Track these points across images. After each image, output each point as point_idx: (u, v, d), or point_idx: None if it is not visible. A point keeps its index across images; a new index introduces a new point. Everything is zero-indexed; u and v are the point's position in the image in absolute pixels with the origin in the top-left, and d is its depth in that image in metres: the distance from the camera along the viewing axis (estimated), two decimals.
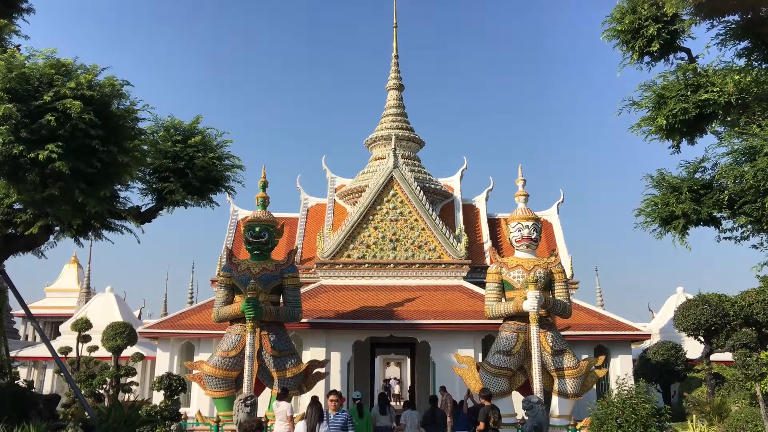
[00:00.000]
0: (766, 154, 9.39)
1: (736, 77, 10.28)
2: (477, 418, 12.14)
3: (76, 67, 9.70)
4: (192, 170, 12.74)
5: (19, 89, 9.21)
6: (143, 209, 13.29)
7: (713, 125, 11.36)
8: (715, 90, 10.35)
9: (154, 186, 13.07)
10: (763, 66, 11.18)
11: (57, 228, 12.02)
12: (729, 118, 11.16)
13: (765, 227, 10.50)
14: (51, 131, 9.12)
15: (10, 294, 12.99)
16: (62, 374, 14.61)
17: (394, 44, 30.06)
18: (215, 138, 13.45)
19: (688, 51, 11.74)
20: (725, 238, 11.50)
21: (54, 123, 9.03)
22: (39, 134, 9.14)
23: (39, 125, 9.10)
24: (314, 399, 12.54)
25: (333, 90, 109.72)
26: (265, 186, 19.05)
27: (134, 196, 21.13)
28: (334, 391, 10.36)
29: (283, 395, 13.51)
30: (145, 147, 11.54)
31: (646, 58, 11.90)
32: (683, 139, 11.62)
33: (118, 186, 11.64)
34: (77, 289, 40.07)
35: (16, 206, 11.27)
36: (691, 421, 14.48)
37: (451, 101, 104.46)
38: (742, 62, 11.26)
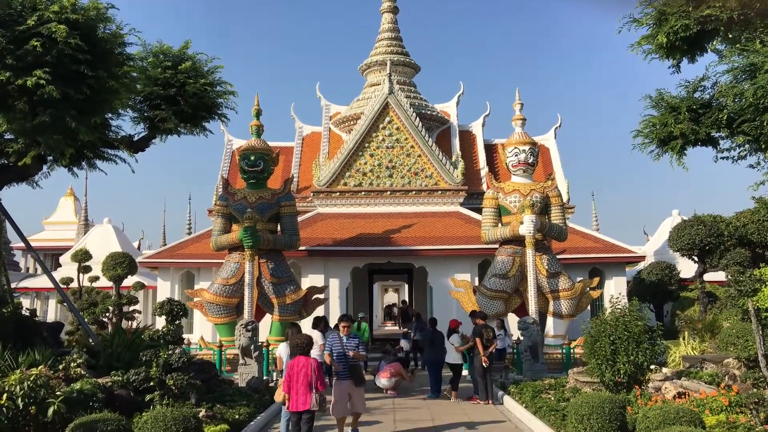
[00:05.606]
0: (767, 71, 9.24)
1: None
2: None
3: None
4: (183, 97, 12.53)
5: (1, 14, 8.95)
6: (136, 138, 13.15)
7: (714, 43, 11.16)
8: (717, 5, 10.09)
9: (145, 114, 12.89)
10: None
11: (50, 158, 11.92)
12: (730, 36, 10.94)
13: (763, 146, 10.46)
14: (37, 57, 8.91)
15: (9, 228, 12.98)
16: (65, 304, 14.80)
17: None
18: (206, 64, 13.16)
19: None
20: (723, 158, 11.50)
21: (40, 48, 8.82)
22: (25, 60, 8.94)
23: (25, 51, 8.89)
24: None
25: (327, 15, 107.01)
26: (258, 114, 18.80)
27: (126, 125, 20.88)
28: (347, 317, 10.51)
29: (317, 324, 14.12)
30: (135, 74, 11.28)
31: None
32: (683, 58, 11.44)
33: (110, 114, 11.47)
34: (75, 221, 40.14)
35: (7, 136, 11.13)
36: (683, 338, 14.80)
37: (448, 25, 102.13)
38: None
